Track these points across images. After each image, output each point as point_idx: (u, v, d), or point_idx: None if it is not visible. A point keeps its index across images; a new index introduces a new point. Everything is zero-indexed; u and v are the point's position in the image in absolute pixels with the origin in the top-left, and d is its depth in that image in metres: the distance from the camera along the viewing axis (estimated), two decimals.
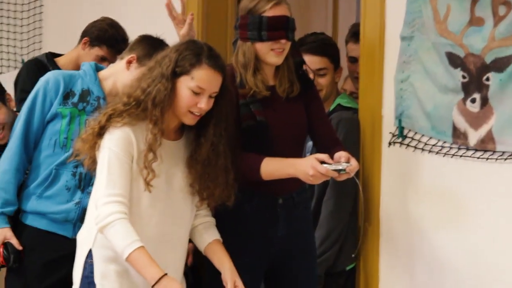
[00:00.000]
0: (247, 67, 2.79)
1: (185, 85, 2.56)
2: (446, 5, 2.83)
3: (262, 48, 2.78)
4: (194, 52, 2.57)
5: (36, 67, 3.57)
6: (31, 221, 2.93)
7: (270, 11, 2.75)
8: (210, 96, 2.58)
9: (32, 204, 2.92)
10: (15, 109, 3.34)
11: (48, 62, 3.62)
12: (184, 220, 2.67)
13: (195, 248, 2.91)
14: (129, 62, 2.93)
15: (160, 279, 2.43)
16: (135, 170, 2.55)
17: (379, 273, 3.13)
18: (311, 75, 3.00)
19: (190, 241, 2.78)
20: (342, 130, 3.13)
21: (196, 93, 2.56)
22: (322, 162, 2.64)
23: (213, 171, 2.63)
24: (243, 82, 2.80)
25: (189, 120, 2.60)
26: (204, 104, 2.56)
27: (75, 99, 2.94)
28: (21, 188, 2.96)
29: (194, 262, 3.25)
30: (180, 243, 2.68)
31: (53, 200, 2.91)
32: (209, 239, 2.70)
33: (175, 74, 2.56)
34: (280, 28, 2.75)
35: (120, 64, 2.98)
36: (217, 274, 2.67)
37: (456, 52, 2.80)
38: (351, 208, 3.17)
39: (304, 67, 2.93)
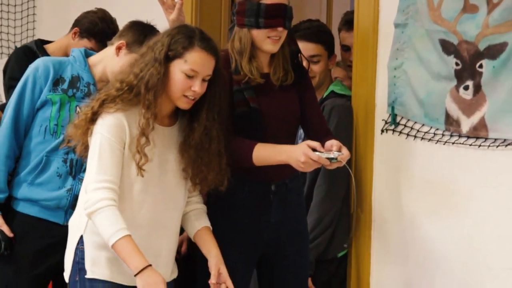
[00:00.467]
0: (243, 54, 2.79)
1: (179, 68, 2.55)
2: None
3: (259, 35, 2.77)
4: (186, 35, 2.56)
5: (25, 54, 3.56)
6: (23, 208, 2.92)
7: None
8: (203, 80, 2.57)
9: (23, 191, 2.91)
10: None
11: (37, 49, 3.61)
12: (177, 205, 2.66)
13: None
14: (119, 48, 2.91)
15: (143, 269, 2.42)
16: (127, 156, 2.54)
17: (370, 260, 3.13)
18: (305, 62, 2.99)
19: None
20: (335, 117, 3.12)
21: (189, 77, 2.55)
22: (314, 150, 2.63)
23: (206, 156, 2.62)
24: (238, 68, 2.79)
25: (184, 104, 2.59)
26: (198, 87, 2.55)
27: (65, 85, 2.92)
28: (12, 176, 2.95)
29: (188, 250, 3.24)
30: (173, 228, 2.67)
31: (45, 187, 2.90)
32: (199, 226, 2.70)
33: (168, 58, 2.55)
34: (277, 16, 2.75)
35: (109, 50, 2.97)
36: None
37: (449, 39, 2.79)
38: (343, 194, 3.16)
39: (299, 56, 2.92)
